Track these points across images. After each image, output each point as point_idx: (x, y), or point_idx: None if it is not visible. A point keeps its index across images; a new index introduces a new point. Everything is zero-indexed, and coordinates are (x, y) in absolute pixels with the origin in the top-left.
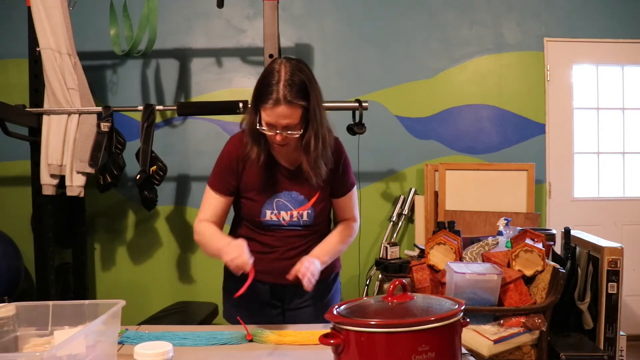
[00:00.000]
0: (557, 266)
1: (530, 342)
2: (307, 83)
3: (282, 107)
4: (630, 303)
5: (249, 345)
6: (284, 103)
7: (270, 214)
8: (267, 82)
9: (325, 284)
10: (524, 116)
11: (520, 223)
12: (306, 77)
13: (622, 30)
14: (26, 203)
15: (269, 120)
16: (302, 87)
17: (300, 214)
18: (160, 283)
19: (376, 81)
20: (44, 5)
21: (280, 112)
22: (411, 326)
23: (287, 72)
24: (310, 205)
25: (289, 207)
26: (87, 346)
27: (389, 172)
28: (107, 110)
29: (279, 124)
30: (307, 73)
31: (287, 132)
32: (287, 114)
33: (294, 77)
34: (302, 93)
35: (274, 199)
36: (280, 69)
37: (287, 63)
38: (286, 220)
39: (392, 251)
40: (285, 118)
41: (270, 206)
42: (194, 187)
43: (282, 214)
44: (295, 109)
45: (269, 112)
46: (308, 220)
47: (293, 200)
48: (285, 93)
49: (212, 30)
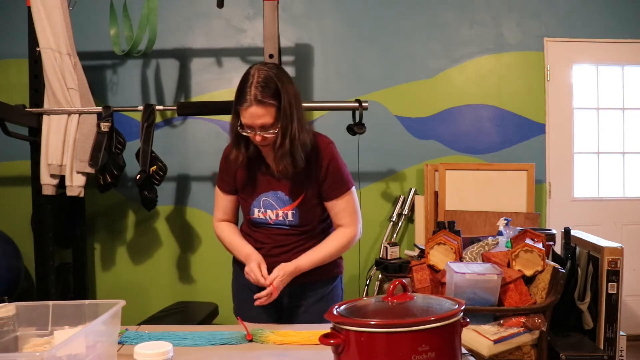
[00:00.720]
0: (557, 266)
1: (530, 342)
2: (277, 83)
3: (254, 107)
4: (630, 303)
5: (249, 345)
6: (254, 103)
7: (258, 212)
8: (242, 86)
9: (327, 285)
10: (524, 116)
11: (520, 223)
12: (277, 78)
13: (622, 30)
14: (26, 203)
15: (246, 121)
16: (272, 87)
17: (285, 213)
18: (160, 283)
19: (376, 81)
20: (44, 5)
21: (253, 112)
22: (411, 326)
23: (259, 75)
24: (295, 206)
25: (274, 207)
26: (87, 346)
27: (389, 172)
28: (107, 110)
29: (255, 125)
30: (279, 74)
31: (264, 132)
32: (259, 114)
33: (264, 78)
34: (272, 92)
35: (262, 197)
36: (254, 73)
37: (260, 67)
38: (272, 219)
39: (392, 251)
40: (258, 118)
41: (258, 204)
42: (194, 187)
43: (269, 213)
44: (266, 108)
45: (244, 114)
46: (293, 221)
47: (278, 200)
48: (256, 93)
49: (212, 30)
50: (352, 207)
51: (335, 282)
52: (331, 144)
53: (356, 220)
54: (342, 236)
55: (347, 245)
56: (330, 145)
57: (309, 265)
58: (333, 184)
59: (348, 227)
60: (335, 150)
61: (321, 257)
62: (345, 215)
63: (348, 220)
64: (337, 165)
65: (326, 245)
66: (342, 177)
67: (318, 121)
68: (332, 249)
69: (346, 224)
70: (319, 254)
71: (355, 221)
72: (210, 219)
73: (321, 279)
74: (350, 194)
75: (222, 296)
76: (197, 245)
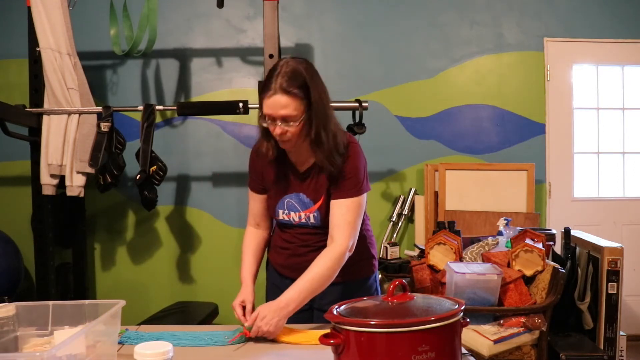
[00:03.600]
0: (557, 266)
1: (530, 342)
2: (305, 75)
3: (278, 95)
4: (630, 303)
5: (249, 345)
6: (279, 91)
7: (282, 214)
8: (269, 77)
9: (356, 286)
10: (524, 116)
11: (520, 223)
12: (305, 71)
13: (622, 30)
14: (26, 203)
15: (268, 111)
16: (298, 78)
17: (307, 216)
18: (160, 283)
19: (376, 81)
20: (44, 5)
21: (277, 100)
22: (411, 326)
23: (287, 66)
24: (316, 208)
25: (297, 209)
26: (87, 346)
27: (389, 172)
28: (107, 110)
29: (277, 115)
30: (307, 68)
31: (285, 124)
32: (283, 103)
33: (292, 69)
34: (299, 84)
35: (285, 199)
36: (283, 64)
37: (289, 60)
38: (296, 221)
39: (392, 251)
40: (282, 108)
41: (282, 206)
42: (194, 187)
43: (292, 215)
44: (291, 98)
45: (267, 102)
46: (316, 222)
47: (300, 202)
48: (281, 82)
49: (212, 30)
50: (352, 217)
51: (367, 283)
52: (353, 143)
53: (349, 233)
54: (330, 255)
55: (337, 265)
56: (352, 144)
57: (296, 295)
58: (343, 183)
59: (338, 240)
60: (357, 150)
61: (309, 282)
62: (340, 223)
63: (340, 232)
64: (354, 165)
65: (313, 269)
66: (354, 178)
67: None
68: (321, 272)
69: (337, 236)
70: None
71: (347, 235)
72: (211, 219)
73: (353, 279)
74: (356, 201)
75: (222, 296)
76: (197, 245)
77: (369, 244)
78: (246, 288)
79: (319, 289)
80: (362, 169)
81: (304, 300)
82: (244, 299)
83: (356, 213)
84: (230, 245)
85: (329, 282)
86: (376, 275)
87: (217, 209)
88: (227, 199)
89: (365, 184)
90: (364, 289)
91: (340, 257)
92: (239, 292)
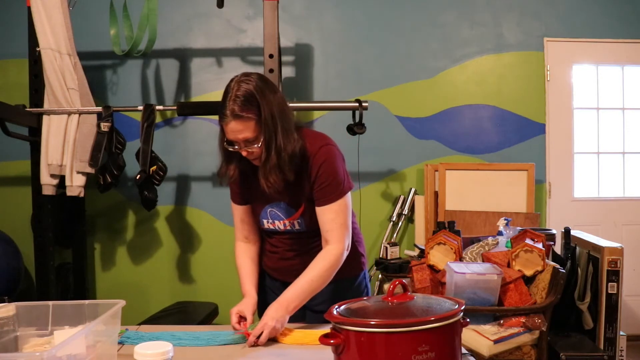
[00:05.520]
0: (557, 266)
1: (530, 342)
2: (254, 93)
3: (233, 122)
4: (630, 303)
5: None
6: (232, 118)
7: (267, 223)
8: (223, 101)
9: (346, 284)
10: (524, 116)
11: (520, 223)
12: (256, 90)
13: (622, 30)
14: (26, 203)
15: (229, 137)
16: (248, 98)
17: (292, 222)
18: (160, 283)
19: (376, 81)
20: (44, 5)
21: (233, 127)
22: (411, 326)
23: (238, 89)
24: (299, 215)
25: (280, 217)
26: (87, 346)
27: (389, 172)
28: (107, 110)
29: (238, 140)
30: (258, 86)
31: (249, 146)
32: (239, 129)
33: (240, 90)
34: (250, 104)
35: (267, 209)
36: (234, 86)
37: (240, 79)
38: (281, 229)
39: (392, 251)
40: (239, 133)
41: (265, 215)
42: (194, 187)
43: (277, 223)
44: (245, 123)
45: (226, 129)
46: (301, 228)
47: (283, 210)
48: (233, 108)
49: (212, 30)
50: (342, 219)
51: (355, 281)
52: (325, 146)
53: (343, 235)
54: (328, 256)
55: (336, 265)
56: (323, 148)
57: (296, 294)
58: (323, 189)
59: (334, 243)
60: (330, 153)
61: (308, 283)
62: (332, 228)
63: (334, 235)
64: (329, 169)
65: (312, 269)
66: (334, 182)
67: (318, 121)
68: (320, 272)
69: (332, 239)
70: (305, 281)
71: (342, 236)
72: (211, 219)
73: (343, 277)
74: (342, 203)
75: (222, 296)
76: (197, 245)
77: (357, 242)
78: (249, 299)
79: (318, 289)
80: (340, 170)
81: (304, 300)
82: (244, 309)
83: (345, 214)
84: (230, 246)
85: (327, 282)
86: (365, 273)
87: (217, 209)
88: (227, 199)
89: (347, 183)
90: (354, 287)
91: (338, 258)
92: (241, 301)
